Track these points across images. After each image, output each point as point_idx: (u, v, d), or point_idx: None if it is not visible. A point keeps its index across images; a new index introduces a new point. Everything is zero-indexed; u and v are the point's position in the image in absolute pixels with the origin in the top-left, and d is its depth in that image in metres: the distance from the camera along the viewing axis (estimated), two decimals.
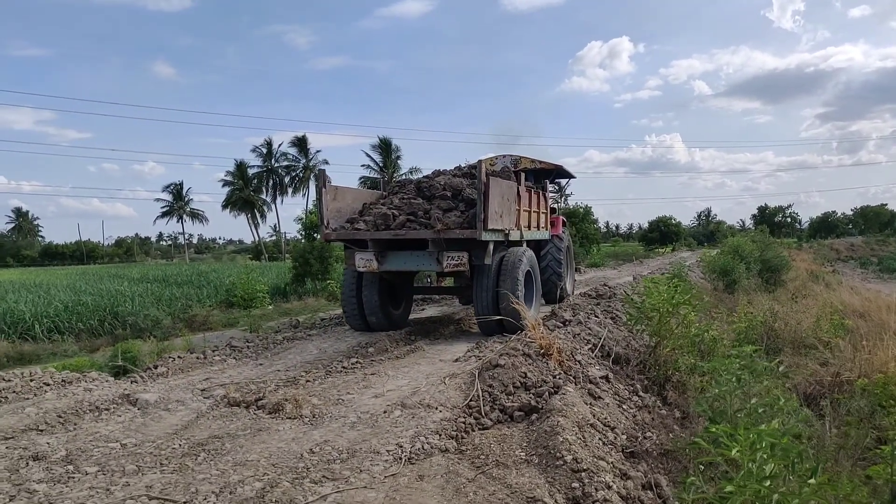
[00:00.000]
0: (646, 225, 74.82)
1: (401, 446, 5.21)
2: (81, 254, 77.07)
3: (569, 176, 16.03)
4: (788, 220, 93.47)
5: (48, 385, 7.02)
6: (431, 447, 5.19)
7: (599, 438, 5.47)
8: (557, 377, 6.57)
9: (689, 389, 7.91)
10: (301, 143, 69.65)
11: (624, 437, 5.87)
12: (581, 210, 43.14)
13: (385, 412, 6.13)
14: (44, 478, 4.70)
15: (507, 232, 9.99)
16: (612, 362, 8.01)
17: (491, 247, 9.48)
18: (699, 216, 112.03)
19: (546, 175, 14.30)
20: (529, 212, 11.59)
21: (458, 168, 11.75)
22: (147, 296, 25.22)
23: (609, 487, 4.58)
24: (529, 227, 11.59)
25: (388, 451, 5.14)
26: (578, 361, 7.31)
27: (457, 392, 6.65)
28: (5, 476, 4.72)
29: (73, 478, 4.74)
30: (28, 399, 6.62)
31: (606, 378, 7.16)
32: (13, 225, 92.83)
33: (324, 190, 9.96)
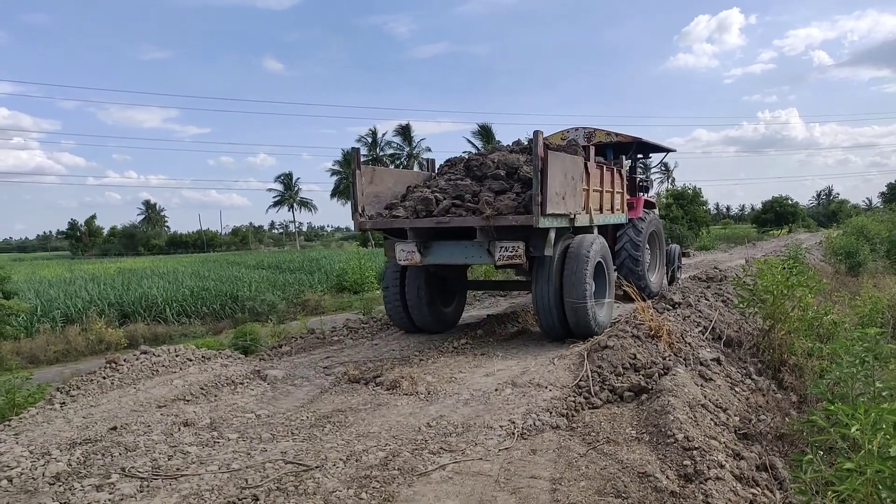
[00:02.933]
0: (759, 206, 71.25)
1: (513, 422, 5.43)
2: (202, 242, 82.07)
3: (657, 149, 14.03)
4: None
5: (190, 360, 7.75)
6: (543, 424, 5.38)
7: (711, 419, 5.47)
8: (667, 359, 6.59)
9: (807, 373, 7.68)
10: (405, 132, 70.85)
11: (737, 418, 5.84)
12: (689, 192, 41.75)
13: (496, 390, 6.38)
14: (194, 441, 5.28)
15: (571, 216, 8.51)
16: (723, 345, 7.90)
17: (552, 235, 8.10)
18: (818, 195, 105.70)
19: (625, 149, 12.61)
20: (601, 192, 9.99)
21: (517, 143, 10.10)
22: (263, 282, 26.72)
23: (722, 466, 4.61)
24: (601, 210, 10.03)
25: (500, 426, 5.38)
26: (689, 343, 7.27)
27: (566, 372, 6.80)
28: (162, 439, 5.34)
29: (219, 442, 5.28)
30: (175, 372, 7.37)
31: (718, 360, 7.08)
32: (143, 216, 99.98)
33: (357, 172, 8.79)
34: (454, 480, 4.40)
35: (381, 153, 72.31)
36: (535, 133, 7.74)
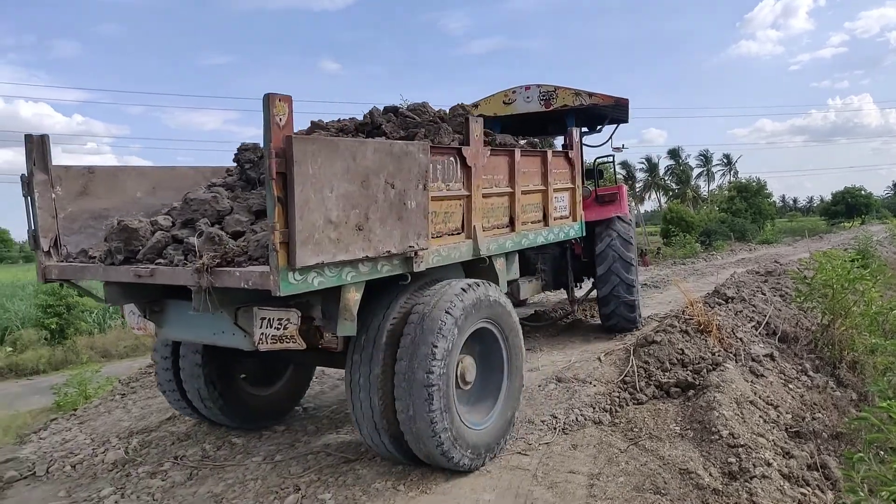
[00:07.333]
0: (828, 197, 68.30)
1: (555, 417, 5.41)
2: None
3: (620, 120, 9.54)
4: None
5: None
6: (585, 419, 5.35)
7: (760, 416, 5.32)
8: (716, 354, 6.42)
9: (868, 370, 7.37)
10: None
11: (789, 416, 5.65)
12: (753, 184, 40.55)
13: (540, 385, 6.35)
14: (241, 433, 5.46)
15: (407, 255, 4.21)
16: (778, 341, 7.63)
17: (352, 296, 3.93)
18: (895, 185, 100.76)
19: (599, 119, 9.16)
20: (513, 193, 5.65)
21: (371, 113, 5.33)
22: None
23: (769, 464, 4.48)
24: (512, 226, 5.69)
25: (542, 421, 5.37)
26: (740, 339, 7.06)
27: (612, 368, 6.72)
28: (212, 430, 5.56)
29: (264, 434, 5.47)
30: None
31: (771, 356, 6.86)
32: None
33: (39, 177, 4.49)
34: (492, 474, 4.42)
35: None
36: (266, 97, 3.35)
